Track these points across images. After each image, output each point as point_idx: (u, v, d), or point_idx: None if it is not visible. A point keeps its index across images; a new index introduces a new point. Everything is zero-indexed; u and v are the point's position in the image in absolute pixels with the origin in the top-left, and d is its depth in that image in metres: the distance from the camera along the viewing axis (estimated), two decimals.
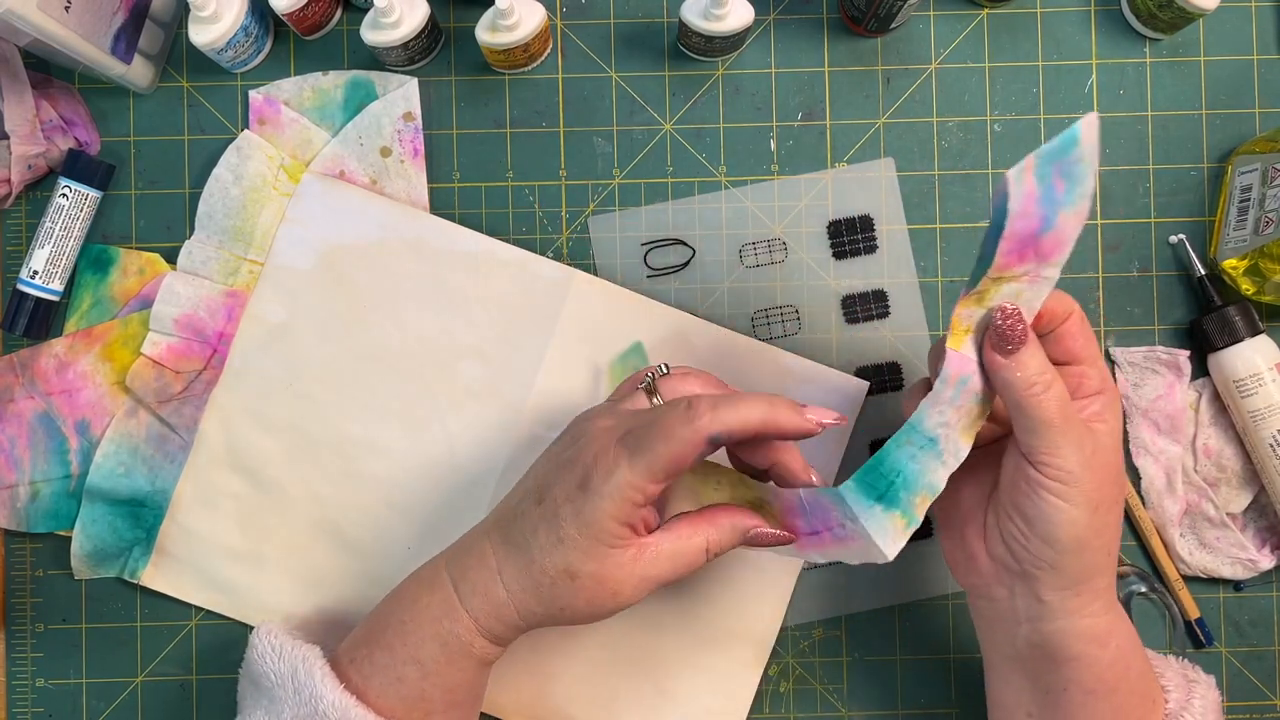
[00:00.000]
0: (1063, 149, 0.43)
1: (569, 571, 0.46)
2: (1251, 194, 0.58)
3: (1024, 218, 0.44)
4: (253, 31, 0.58)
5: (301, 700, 0.48)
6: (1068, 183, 0.44)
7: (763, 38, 0.61)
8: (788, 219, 0.61)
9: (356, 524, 0.60)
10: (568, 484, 0.46)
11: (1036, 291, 0.46)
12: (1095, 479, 0.46)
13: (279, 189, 0.60)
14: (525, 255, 0.60)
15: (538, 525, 0.47)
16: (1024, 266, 0.45)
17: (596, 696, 0.60)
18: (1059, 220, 0.44)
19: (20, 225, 0.61)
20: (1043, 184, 0.43)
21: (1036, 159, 0.43)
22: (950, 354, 0.46)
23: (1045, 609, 0.48)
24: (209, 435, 0.60)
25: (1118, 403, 0.49)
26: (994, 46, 0.61)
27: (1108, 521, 0.47)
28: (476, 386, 0.60)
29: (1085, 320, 0.49)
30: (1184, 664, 0.54)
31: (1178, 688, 0.51)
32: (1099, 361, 0.49)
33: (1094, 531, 0.46)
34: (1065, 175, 0.44)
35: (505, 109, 0.61)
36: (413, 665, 0.48)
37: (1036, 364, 0.45)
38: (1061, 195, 0.44)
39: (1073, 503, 0.46)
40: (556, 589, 0.46)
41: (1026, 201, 0.43)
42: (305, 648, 0.50)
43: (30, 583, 0.61)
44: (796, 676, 0.61)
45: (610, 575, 0.46)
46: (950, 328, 0.46)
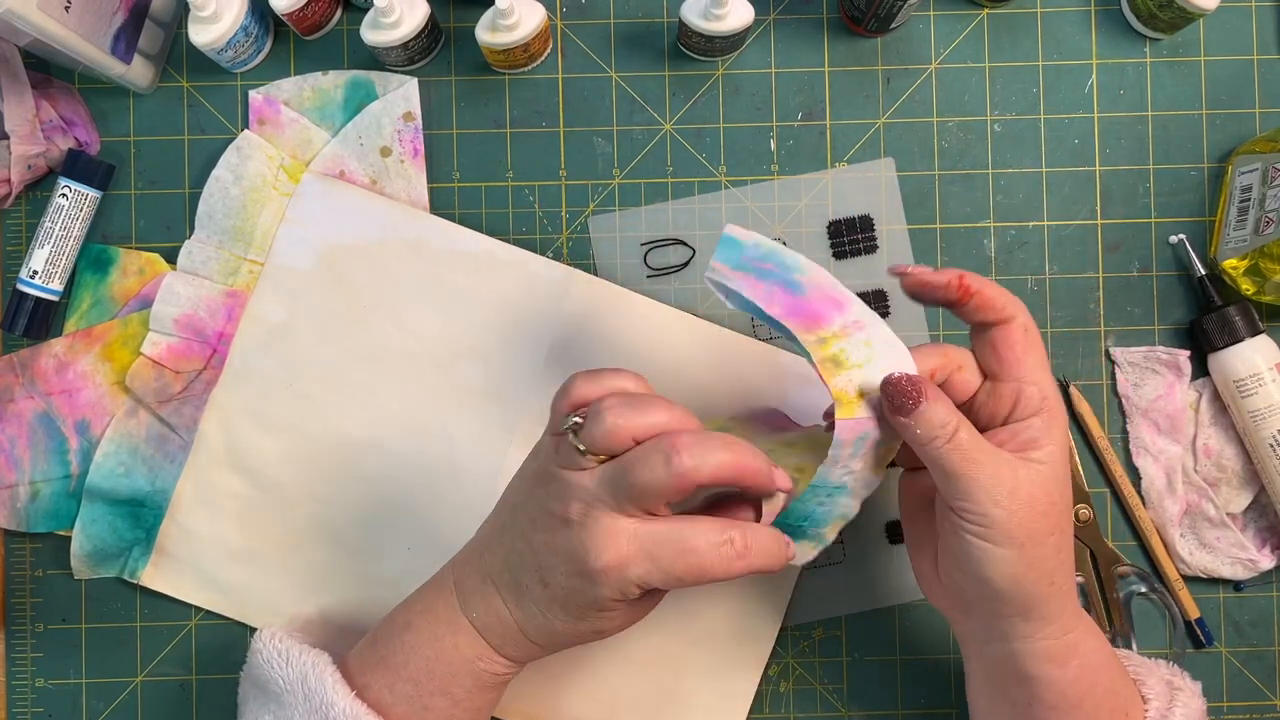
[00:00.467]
0: (731, 250, 0.46)
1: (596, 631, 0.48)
2: (1251, 194, 0.58)
3: (760, 291, 0.46)
4: (253, 31, 0.58)
5: (312, 707, 0.48)
6: (772, 263, 0.46)
7: (763, 38, 0.61)
8: (788, 219, 0.61)
9: (356, 524, 0.60)
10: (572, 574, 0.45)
11: (880, 333, 0.46)
12: (1018, 517, 0.45)
13: (279, 189, 0.60)
14: (525, 255, 0.60)
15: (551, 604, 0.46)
16: (831, 324, 0.46)
17: (597, 697, 0.60)
18: (802, 283, 0.46)
19: (20, 225, 0.61)
20: (749, 271, 0.46)
21: (721, 263, 0.46)
22: (840, 424, 0.46)
23: (998, 634, 0.48)
24: (209, 435, 0.60)
25: (1057, 422, 0.47)
26: (994, 46, 0.61)
27: (1040, 554, 0.45)
28: (476, 386, 0.60)
29: (1028, 331, 0.47)
30: (1172, 670, 0.53)
31: (1159, 696, 0.50)
32: (1040, 376, 0.47)
33: (1026, 565, 0.45)
34: (763, 259, 0.46)
35: (505, 109, 0.61)
36: (442, 697, 0.48)
37: (933, 418, 0.45)
38: (779, 270, 0.46)
39: (996, 543, 0.45)
40: (583, 639, 0.48)
41: (747, 282, 0.46)
42: (314, 653, 0.50)
43: (30, 583, 0.61)
44: (796, 676, 0.61)
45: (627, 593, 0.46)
46: (836, 401, 0.46)
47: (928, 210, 0.61)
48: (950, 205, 0.61)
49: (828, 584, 0.61)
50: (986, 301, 0.47)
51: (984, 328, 0.48)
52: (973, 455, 0.45)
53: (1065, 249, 0.61)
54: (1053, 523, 0.45)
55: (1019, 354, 0.47)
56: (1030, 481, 0.45)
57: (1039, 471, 0.45)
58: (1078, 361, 0.61)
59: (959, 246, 0.61)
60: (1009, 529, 0.44)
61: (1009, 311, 0.47)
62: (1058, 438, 0.46)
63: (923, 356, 0.47)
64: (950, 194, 0.61)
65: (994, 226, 0.61)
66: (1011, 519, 0.44)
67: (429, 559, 0.60)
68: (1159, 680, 0.51)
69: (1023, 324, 0.47)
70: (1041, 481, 0.45)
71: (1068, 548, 0.47)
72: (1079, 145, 0.61)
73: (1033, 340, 0.47)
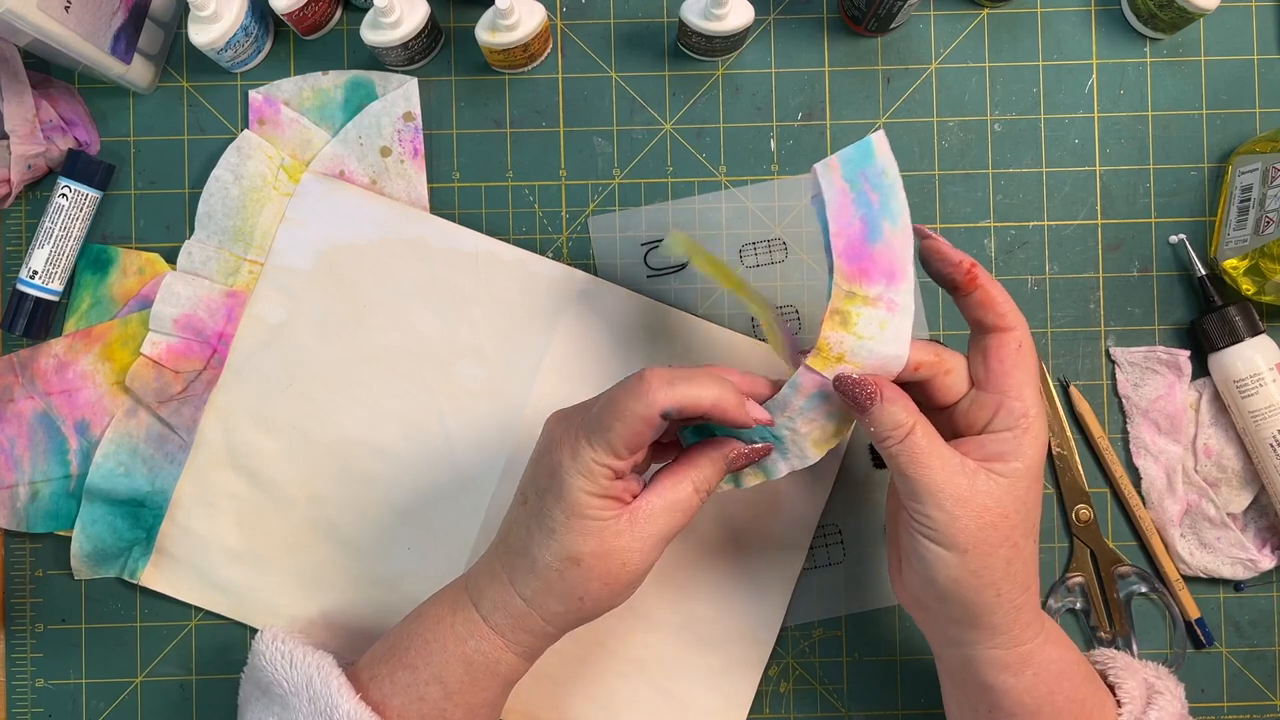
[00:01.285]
0: (861, 157, 0.45)
1: (571, 558, 0.46)
2: (1252, 194, 0.58)
3: (844, 215, 0.45)
4: (253, 31, 0.58)
5: (317, 710, 0.48)
6: (880, 195, 0.46)
7: (763, 38, 0.61)
8: (788, 219, 0.61)
9: (356, 524, 0.60)
10: (542, 477, 0.47)
11: (899, 324, 0.46)
12: (961, 523, 0.45)
13: (279, 189, 0.60)
14: (525, 255, 0.60)
15: (529, 525, 0.47)
16: (873, 286, 0.46)
17: (596, 697, 0.60)
18: (885, 232, 0.46)
19: (20, 225, 0.61)
20: (855, 188, 0.46)
21: (840, 161, 0.45)
22: (804, 371, 0.46)
23: (952, 639, 0.49)
24: (209, 435, 0.60)
25: (1031, 440, 0.46)
26: (994, 46, 0.61)
27: (986, 564, 0.46)
28: (476, 386, 0.60)
29: (1022, 347, 0.47)
30: (1158, 671, 0.53)
31: (1134, 700, 0.50)
32: (1025, 393, 0.47)
33: (970, 573, 0.46)
34: (875, 187, 0.46)
35: (505, 109, 0.61)
36: (436, 685, 0.48)
37: (886, 418, 0.45)
38: (878, 207, 0.46)
39: (943, 545, 0.46)
40: (566, 579, 0.46)
41: (841, 198, 0.45)
42: (318, 655, 0.50)
43: (30, 583, 0.61)
44: (796, 676, 0.61)
45: (611, 547, 0.46)
46: (816, 347, 0.46)
47: (928, 210, 0.61)
48: (950, 205, 0.61)
49: (828, 584, 0.61)
50: (989, 299, 0.47)
51: (982, 331, 0.48)
52: (923, 458, 0.45)
53: (1065, 249, 0.61)
54: (1002, 535, 0.46)
55: (1008, 367, 0.47)
56: (984, 492, 0.45)
57: (996, 484, 0.46)
58: (1078, 361, 0.61)
59: (959, 246, 0.61)
60: (952, 533, 0.45)
61: (1008, 320, 0.47)
62: (1028, 455, 0.46)
63: (915, 349, 0.48)
64: (950, 194, 0.61)
65: (994, 226, 0.61)
66: (954, 524, 0.45)
67: (429, 559, 0.60)
68: (1139, 683, 0.51)
69: (1018, 338, 0.47)
70: (997, 494, 0.46)
71: (1021, 561, 0.47)
72: (1079, 145, 0.61)
73: (1024, 356, 0.47)
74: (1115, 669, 0.52)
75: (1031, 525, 0.47)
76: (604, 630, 0.60)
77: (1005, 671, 0.48)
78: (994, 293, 0.48)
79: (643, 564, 0.47)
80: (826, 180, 0.46)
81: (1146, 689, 0.51)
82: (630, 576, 0.47)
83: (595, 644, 0.60)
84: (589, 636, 0.60)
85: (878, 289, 0.46)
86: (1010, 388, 0.47)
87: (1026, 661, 0.47)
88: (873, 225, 0.46)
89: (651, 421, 0.44)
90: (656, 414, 0.44)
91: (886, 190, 0.46)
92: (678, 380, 0.45)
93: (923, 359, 0.48)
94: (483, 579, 0.49)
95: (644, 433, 0.45)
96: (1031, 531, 0.47)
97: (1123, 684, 0.51)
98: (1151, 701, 0.50)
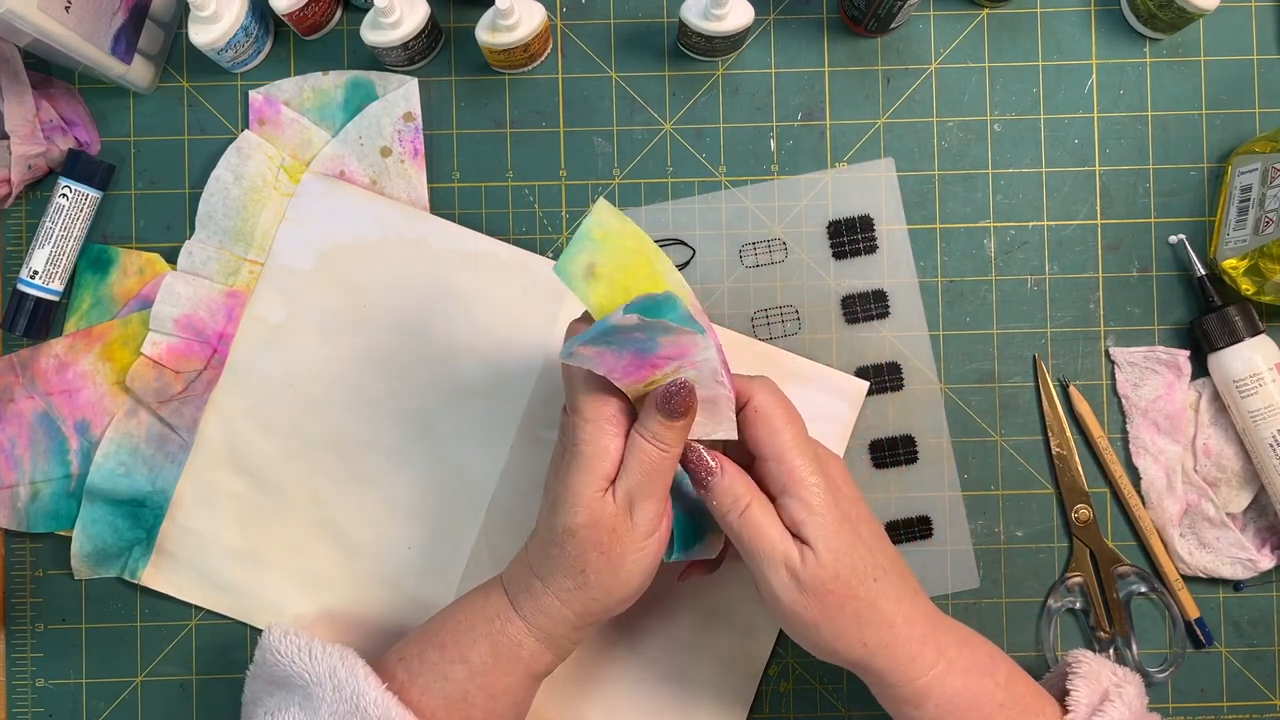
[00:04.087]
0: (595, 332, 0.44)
1: (568, 529, 0.47)
2: (1251, 194, 0.58)
3: (614, 365, 0.45)
4: (253, 31, 0.58)
5: (342, 698, 0.48)
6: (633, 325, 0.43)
7: (763, 38, 0.61)
8: (788, 219, 0.61)
9: (356, 524, 0.60)
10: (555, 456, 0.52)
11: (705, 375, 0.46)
12: (805, 599, 0.47)
13: (279, 189, 0.60)
14: (525, 255, 0.60)
15: (542, 504, 0.51)
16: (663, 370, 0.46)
17: (597, 697, 0.60)
18: (657, 341, 0.44)
19: (20, 225, 0.61)
20: (606, 342, 0.44)
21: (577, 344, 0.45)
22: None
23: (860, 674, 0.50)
24: (209, 435, 0.60)
25: (810, 489, 0.47)
26: (994, 46, 0.61)
27: (838, 626, 0.47)
28: (476, 386, 0.60)
29: (760, 411, 0.47)
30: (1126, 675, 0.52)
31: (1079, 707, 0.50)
32: (782, 453, 0.47)
33: (829, 640, 0.47)
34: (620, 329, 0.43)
35: (505, 109, 0.61)
36: (460, 664, 0.49)
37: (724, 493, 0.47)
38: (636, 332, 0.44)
39: (792, 624, 0.48)
40: (566, 551, 0.48)
41: (602, 359, 0.45)
42: (340, 647, 0.51)
43: (30, 583, 0.61)
44: (796, 676, 0.61)
45: (603, 518, 0.47)
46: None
47: (928, 210, 0.61)
48: (950, 205, 0.61)
49: None
50: (709, 410, 0.48)
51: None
52: (761, 532, 0.47)
53: (1065, 249, 0.61)
54: (841, 598, 0.47)
55: (753, 434, 0.48)
56: (810, 564, 0.46)
57: (812, 553, 0.46)
58: (1078, 361, 0.61)
59: (959, 246, 0.61)
60: (798, 610, 0.47)
61: (742, 397, 0.48)
62: (817, 509, 0.47)
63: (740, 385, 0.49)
64: (950, 194, 0.61)
65: (994, 226, 0.61)
66: (799, 600, 0.47)
67: (429, 559, 0.60)
68: (1094, 690, 0.51)
69: (754, 406, 0.48)
70: (819, 562, 0.46)
71: (872, 609, 0.47)
72: (1079, 145, 0.61)
73: (763, 415, 0.48)
74: (1076, 674, 0.52)
75: (868, 567, 0.47)
76: (605, 630, 0.60)
77: (906, 705, 0.49)
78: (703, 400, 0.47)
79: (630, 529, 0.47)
80: (581, 359, 0.45)
81: (1101, 696, 0.51)
82: (624, 546, 0.47)
83: (596, 644, 0.60)
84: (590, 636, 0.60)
85: (672, 367, 0.46)
86: (766, 451, 0.48)
87: (925, 695, 0.48)
88: (643, 345, 0.45)
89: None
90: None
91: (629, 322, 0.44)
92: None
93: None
94: (514, 564, 0.51)
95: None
96: (871, 571, 0.47)
97: (1075, 690, 0.51)
98: (1099, 709, 0.50)
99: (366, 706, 0.48)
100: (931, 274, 0.61)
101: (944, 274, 0.61)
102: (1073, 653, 0.54)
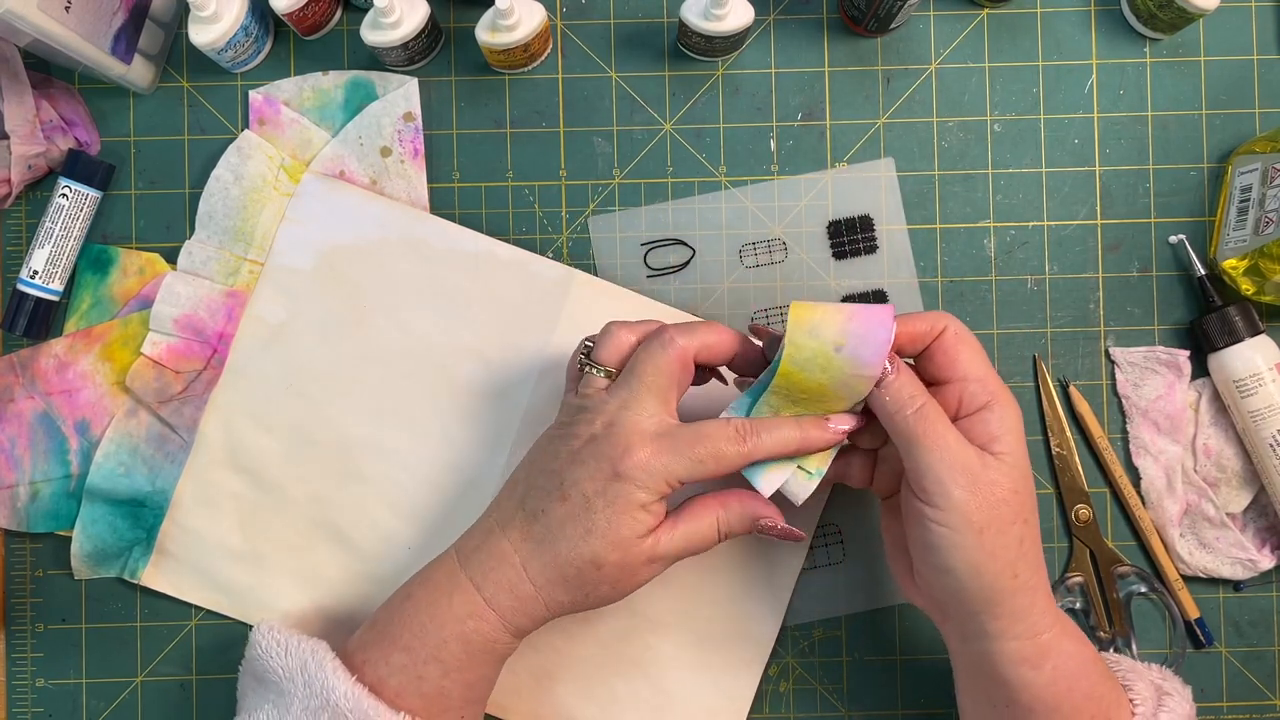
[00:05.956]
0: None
1: (595, 562, 0.47)
2: (1251, 194, 0.58)
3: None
4: (253, 31, 0.58)
5: (312, 693, 0.48)
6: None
7: (763, 38, 0.61)
8: (788, 219, 0.61)
9: (356, 524, 0.60)
10: (599, 477, 0.47)
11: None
12: (977, 499, 0.45)
13: (279, 189, 0.60)
14: (525, 255, 0.60)
15: (565, 521, 0.48)
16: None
17: (596, 696, 0.60)
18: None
19: (20, 225, 0.61)
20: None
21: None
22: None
23: (970, 633, 0.49)
24: (209, 435, 0.60)
25: (1009, 412, 0.47)
26: (994, 46, 0.62)
27: (1002, 543, 0.46)
28: (476, 386, 0.60)
29: (958, 334, 0.48)
30: (1164, 673, 0.53)
31: (1146, 701, 0.50)
32: (982, 373, 0.48)
33: (987, 554, 0.46)
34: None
35: (505, 109, 0.61)
36: (434, 664, 0.49)
37: (902, 390, 0.47)
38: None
39: (954, 528, 0.46)
40: (583, 578, 0.48)
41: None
42: (313, 642, 0.51)
43: (30, 583, 0.61)
44: (796, 676, 0.61)
45: (631, 561, 0.48)
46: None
47: (928, 210, 0.61)
48: (950, 205, 0.61)
49: (828, 584, 0.61)
50: (914, 335, 0.48)
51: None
52: (939, 429, 0.46)
53: (1065, 249, 0.61)
54: (1014, 511, 0.46)
55: (952, 356, 0.48)
56: (992, 468, 0.46)
57: (1002, 462, 0.46)
58: (1078, 361, 0.61)
59: (959, 246, 0.61)
60: (968, 511, 0.45)
61: (939, 325, 0.48)
62: (1012, 427, 0.47)
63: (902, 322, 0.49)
64: (950, 194, 0.61)
65: (994, 226, 0.61)
66: (971, 500, 0.45)
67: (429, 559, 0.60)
68: (1148, 684, 0.51)
69: (953, 331, 0.48)
70: (1005, 470, 0.46)
71: (1032, 541, 0.47)
72: (1079, 145, 0.61)
73: (964, 340, 0.48)
74: (1122, 670, 0.52)
75: (1034, 503, 0.48)
76: (604, 630, 0.60)
77: (1024, 665, 0.47)
78: (908, 328, 0.48)
79: (647, 577, 0.49)
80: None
81: (1156, 691, 0.51)
82: (633, 586, 0.49)
83: (595, 644, 0.60)
84: (589, 636, 0.60)
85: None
86: (961, 371, 0.48)
87: (1045, 654, 0.47)
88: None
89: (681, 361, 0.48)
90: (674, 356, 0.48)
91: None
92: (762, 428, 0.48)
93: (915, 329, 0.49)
94: (488, 562, 0.49)
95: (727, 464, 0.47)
96: (1035, 509, 0.48)
97: (1133, 685, 0.51)
98: (1162, 703, 0.50)
99: (337, 700, 0.47)
100: (931, 274, 0.61)
101: (944, 274, 0.61)
102: (1105, 655, 0.54)
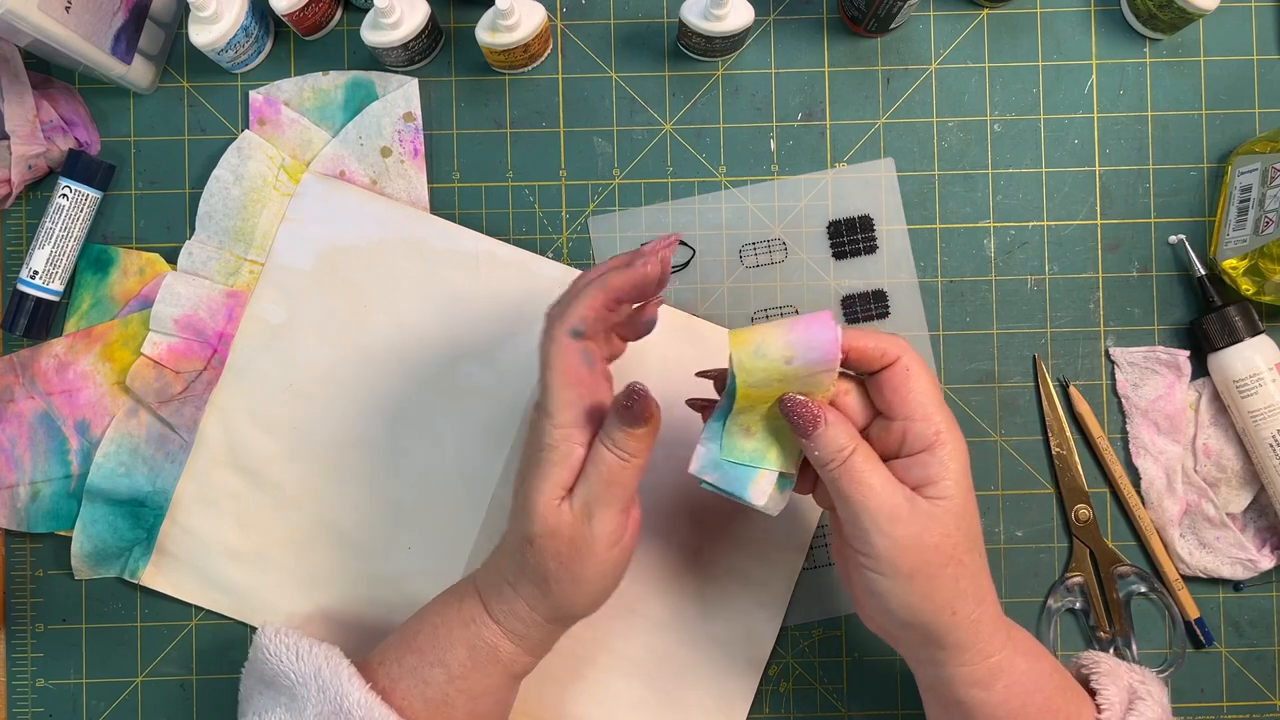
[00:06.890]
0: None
1: (526, 537, 0.47)
2: (1251, 194, 0.58)
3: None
4: (253, 32, 0.58)
5: (326, 699, 0.48)
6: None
7: (763, 38, 0.61)
8: (788, 219, 0.61)
9: (356, 524, 0.60)
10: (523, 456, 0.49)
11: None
12: (901, 547, 0.45)
13: (279, 189, 0.60)
14: (525, 255, 0.60)
15: (512, 506, 0.49)
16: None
17: (596, 697, 0.60)
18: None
19: (20, 225, 0.61)
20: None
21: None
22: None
23: (920, 660, 0.49)
24: (209, 435, 0.60)
25: (952, 455, 0.46)
26: (994, 46, 0.62)
27: (934, 586, 0.46)
28: (476, 386, 0.60)
29: (911, 371, 0.47)
30: (1144, 674, 0.52)
31: (1113, 705, 0.49)
32: (929, 412, 0.46)
33: (920, 597, 0.46)
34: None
35: (505, 109, 0.61)
36: (439, 668, 0.49)
37: (829, 441, 0.46)
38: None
39: (883, 574, 0.46)
40: (527, 559, 0.47)
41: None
42: (326, 647, 0.51)
43: (30, 583, 0.61)
44: (796, 676, 0.61)
45: (553, 526, 0.47)
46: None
47: (928, 210, 0.61)
48: (950, 205, 0.61)
49: (828, 584, 0.61)
50: (862, 355, 0.47)
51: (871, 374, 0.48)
52: (865, 480, 0.45)
53: (1065, 249, 0.61)
54: (946, 555, 0.46)
55: (901, 394, 0.47)
56: (923, 513, 0.45)
57: (934, 506, 0.46)
58: (1078, 361, 0.61)
59: (959, 246, 0.61)
60: (893, 559, 0.45)
61: (890, 355, 0.47)
62: (953, 470, 0.46)
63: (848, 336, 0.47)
64: (950, 194, 0.61)
65: (994, 226, 0.61)
66: (895, 548, 0.45)
67: (429, 559, 0.60)
68: (1121, 689, 0.51)
69: (904, 364, 0.47)
70: (935, 515, 0.46)
71: (970, 577, 0.47)
72: (1079, 145, 0.61)
73: (916, 376, 0.47)
74: (1098, 674, 0.52)
75: (974, 538, 0.47)
76: (604, 630, 0.60)
77: (975, 687, 0.48)
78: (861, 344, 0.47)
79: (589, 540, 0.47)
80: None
81: (1128, 694, 0.51)
82: (583, 556, 0.47)
83: (595, 644, 0.60)
84: (589, 636, 0.60)
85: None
86: (911, 410, 0.47)
87: (996, 675, 0.48)
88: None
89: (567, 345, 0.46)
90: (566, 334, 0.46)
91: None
92: (569, 301, 0.47)
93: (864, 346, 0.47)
94: (486, 570, 0.51)
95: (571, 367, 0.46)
96: (976, 544, 0.47)
97: (1104, 689, 0.50)
98: (1132, 707, 0.50)
99: (350, 708, 0.48)
100: (931, 274, 0.61)
101: (944, 274, 0.61)
102: (1086, 654, 0.54)
